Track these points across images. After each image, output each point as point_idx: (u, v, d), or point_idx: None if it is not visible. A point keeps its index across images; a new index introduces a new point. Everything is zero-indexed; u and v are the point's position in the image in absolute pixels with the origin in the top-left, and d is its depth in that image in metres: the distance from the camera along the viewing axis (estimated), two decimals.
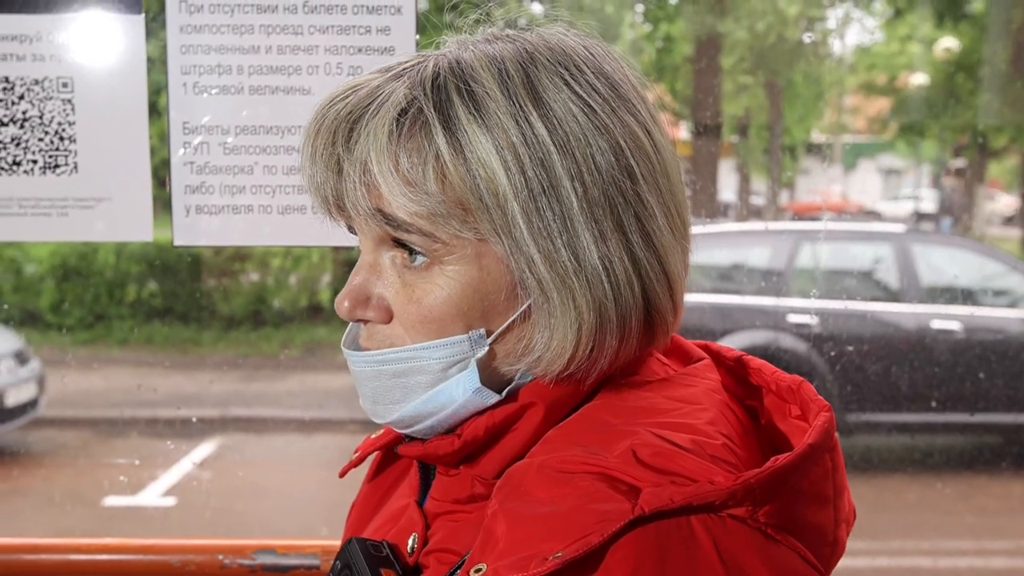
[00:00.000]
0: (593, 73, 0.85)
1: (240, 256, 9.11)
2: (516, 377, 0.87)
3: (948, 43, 9.75)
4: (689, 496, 0.75)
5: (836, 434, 0.87)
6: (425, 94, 0.82)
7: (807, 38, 10.65)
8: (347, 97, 0.85)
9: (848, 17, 10.75)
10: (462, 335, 0.85)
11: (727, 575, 0.75)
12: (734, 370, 0.97)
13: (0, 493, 5.98)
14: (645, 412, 0.84)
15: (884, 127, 12.54)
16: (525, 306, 0.84)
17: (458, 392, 0.86)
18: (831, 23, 10.79)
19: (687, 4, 8.84)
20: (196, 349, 8.69)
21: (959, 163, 12.80)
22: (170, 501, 5.84)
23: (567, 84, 0.83)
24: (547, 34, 0.88)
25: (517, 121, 0.81)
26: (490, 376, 0.86)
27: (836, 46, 11.37)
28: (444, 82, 0.83)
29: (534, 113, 0.81)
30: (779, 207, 12.22)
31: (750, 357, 0.97)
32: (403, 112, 0.82)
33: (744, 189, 12.01)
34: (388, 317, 0.87)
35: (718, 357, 0.99)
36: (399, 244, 0.85)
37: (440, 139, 0.81)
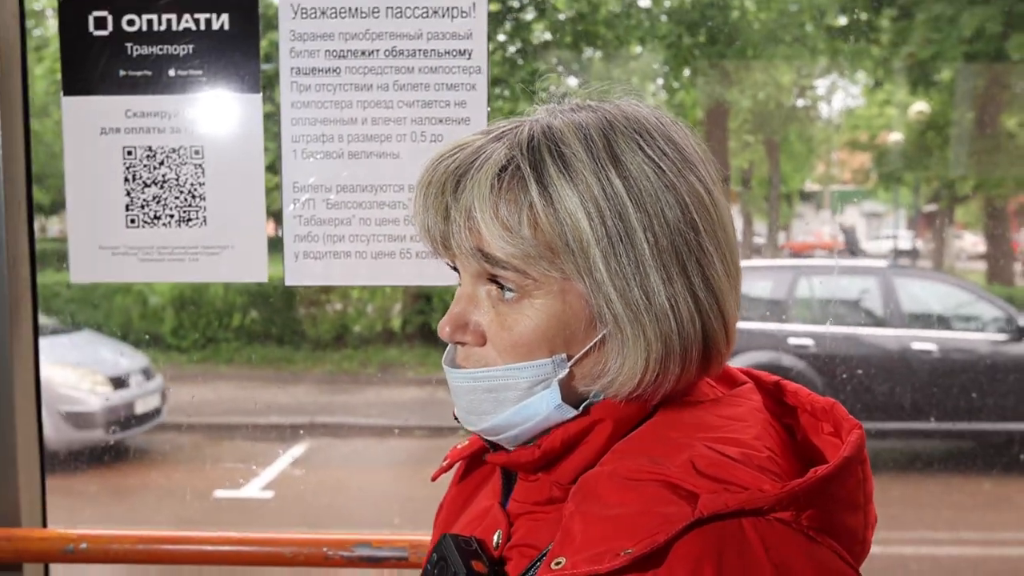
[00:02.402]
0: (663, 139, 0.84)
1: (326, 289, 9.16)
2: (591, 395, 0.86)
3: (920, 107, 9.65)
4: (742, 501, 0.74)
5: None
6: (522, 154, 0.82)
7: (800, 103, 10.59)
8: (455, 155, 0.85)
9: (835, 85, 10.68)
10: (546, 359, 0.84)
11: (774, 570, 0.73)
12: (772, 392, 0.95)
13: (131, 487, 6.03)
14: (700, 428, 0.83)
15: (866, 177, 12.40)
16: (601, 336, 0.83)
17: (542, 407, 0.85)
18: (820, 90, 10.72)
19: (699, 76, 8.83)
20: (289, 367, 8.74)
21: (931, 207, 12.62)
22: (268, 494, 5.86)
23: (641, 148, 0.82)
24: (624, 105, 0.87)
25: (599, 178, 0.80)
26: (569, 394, 0.85)
27: (825, 110, 11.30)
28: (538, 144, 0.82)
29: (613, 172, 0.81)
30: (777, 245, 12.12)
31: (786, 381, 0.96)
32: (503, 168, 0.82)
33: (747, 231, 11.92)
34: (483, 341, 0.87)
35: (758, 381, 0.97)
36: (494, 280, 0.84)
37: (534, 192, 0.80)
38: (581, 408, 0.85)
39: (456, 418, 0.93)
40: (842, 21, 9.07)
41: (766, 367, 0.95)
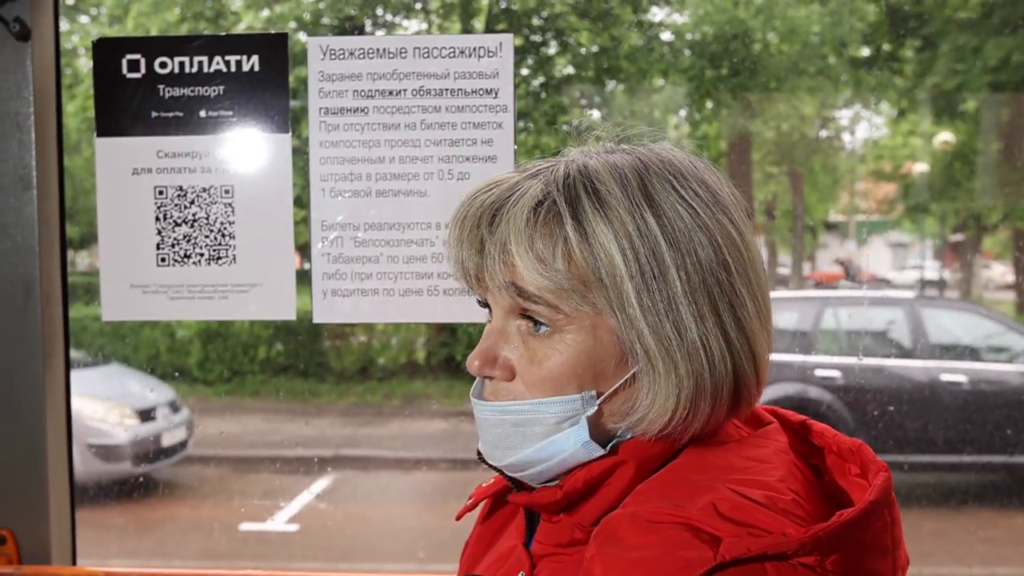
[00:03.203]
0: (696, 182, 0.85)
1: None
2: (619, 434, 0.86)
3: (945, 137, 9.61)
4: (765, 546, 0.73)
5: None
6: (558, 190, 0.83)
7: (824, 134, 10.58)
8: (490, 190, 0.86)
9: (858, 116, 10.66)
10: (575, 395, 0.84)
11: None
12: (798, 433, 0.94)
13: (156, 520, 6.05)
14: (723, 470, 0.82)
15: (892, 208, 12.36)
16: (632, 372, 0.83)
17: (568, 444, 0.84)
18: (844, 121, 10.71)
19: (722, 108, 8.85)
20: (314, 399, 8.76)
21: (958, 237, 12.52)
22: (294, 527, 5.85)
23: (675, 189, 0.83)
24: (657, 148, 0.88)
25: (633, 216, 0.81)
26: (597, 432, 0.85)
27: (848, 140, 11.28)
28: (573, 181, 0.83)
29: (648, 211, 0.81)
30: (802, 276, 12.06)
31: (812, 421, 0.95)
32: (539, 203, 0.82)
33: (772, 262, 11.87)
34: (511, 375, 0.86)
35: (784, 421, 0.96)
36: (525, 315, 0.85)
37: (569, 226, 0.81)
38: (609, 447, 0.85)
39: (480, 456, 0.92)
40: (865, 52, 9.07)
41: (792, 399, 0.95)
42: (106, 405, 6.45)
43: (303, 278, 1.58)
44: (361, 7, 8.63)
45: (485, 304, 0.90)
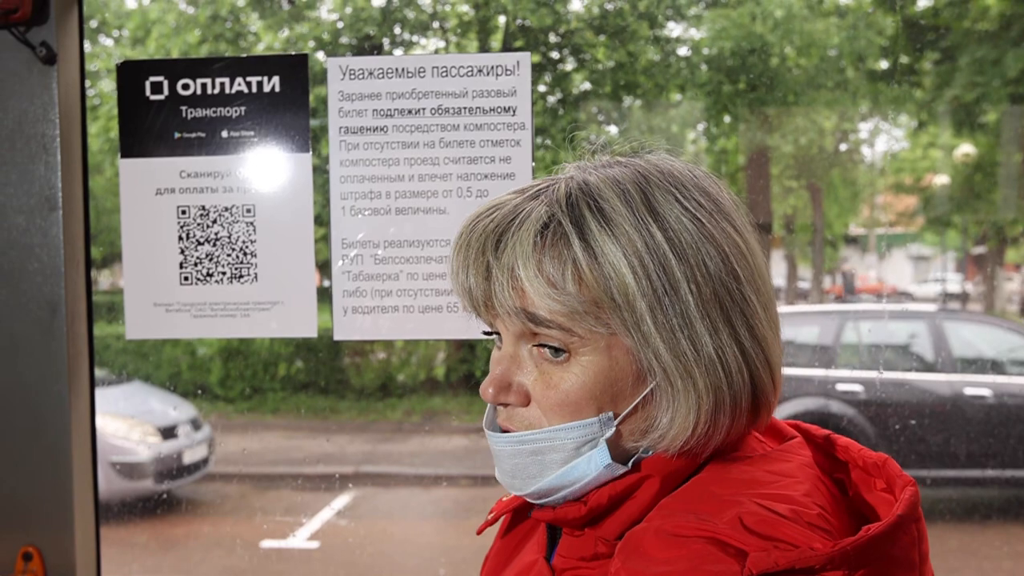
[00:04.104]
0: (697, 191, 0.85)
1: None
2: (640, 451, 0.86)
3: (966, 149, 9.54)
4: (792, 560, 0.72)
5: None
6: (562, 211, 0.82)
7: (843, 147, 10.54)
8: (492, 214, 0.85)
9: (877, 129, 10.62)
10: (593, 418, 0.83)
11: None
12: (822, 447, 0.94)
13: (178, 536, 6.06)
14: (748, 484, 0.82)
15: (912, 220, 12.29)
16: (649, 390, 0.83)
17: (590, 468, 0.84)
18: (863, 134, 10.67)
19: (740, 123, 8.83)
20: (335, 416, 8.78)
21: (980, 250, 12.42)
22: (314, 544, 5.85)
23: (678, 200, 0.83)
24: (655, 159, 0.88)
25: (640, 232, 0.81)
26: (616, 451, 0.85)
27: (868, 153, 11.23)
28: (576, 200, 0.83)
29: (653, 225, 0.81)
30: (822, 290, 11.99)
31: (837, 436, 0.94)
32: (545, 226, 0.82)
33: (792, 276, 11.81)
34: (527, 401, 0.86)
35: (808, 435, 0.96)
36: (537, 340, 0.84)
37: (577, 248, 0.81)
38: (631, 464, 0.85)
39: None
40: (883, 65, 9.04)
41: (814, 413, 0.95)
42: (128, 423, 6.48)
43: (323, 295, 1.59)
44: (379, 26, 8.70)
45: (493, 332, 0.89)
